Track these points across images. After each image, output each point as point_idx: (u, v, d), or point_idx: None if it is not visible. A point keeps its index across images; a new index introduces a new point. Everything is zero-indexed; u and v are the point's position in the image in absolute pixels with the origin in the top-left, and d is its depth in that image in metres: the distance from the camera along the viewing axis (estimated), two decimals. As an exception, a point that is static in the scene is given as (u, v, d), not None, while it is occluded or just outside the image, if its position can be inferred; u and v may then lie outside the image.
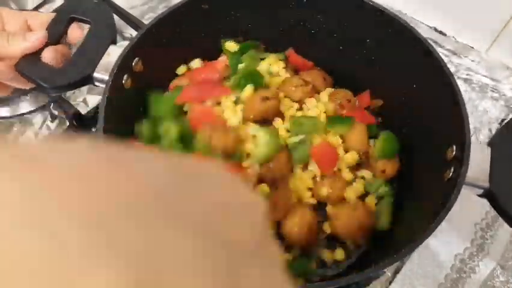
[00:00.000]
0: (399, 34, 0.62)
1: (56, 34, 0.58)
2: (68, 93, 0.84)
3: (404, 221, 0.61)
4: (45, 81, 0.55)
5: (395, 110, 0.69)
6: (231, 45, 0.70)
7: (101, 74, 0.56)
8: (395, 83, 0.68)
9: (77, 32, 0.60)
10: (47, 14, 0.60)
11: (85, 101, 0.83)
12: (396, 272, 0.66)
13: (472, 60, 0.89)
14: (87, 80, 0.57)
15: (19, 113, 0.81)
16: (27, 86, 0.57)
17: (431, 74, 0.60)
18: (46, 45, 0.56)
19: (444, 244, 0.68)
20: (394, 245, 0.55)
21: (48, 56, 0.56)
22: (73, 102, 0.80)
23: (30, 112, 0.81)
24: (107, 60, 0.57)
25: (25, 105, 0.81)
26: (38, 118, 0.81)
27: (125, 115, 0.60)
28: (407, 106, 0.67)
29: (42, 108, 0.82)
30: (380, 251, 0.58)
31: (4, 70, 0.55)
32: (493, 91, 0.86)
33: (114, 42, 0.59)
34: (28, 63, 0.55)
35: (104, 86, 0.55)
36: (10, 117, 0.81)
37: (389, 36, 0.65)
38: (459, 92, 0.55)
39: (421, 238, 0.47)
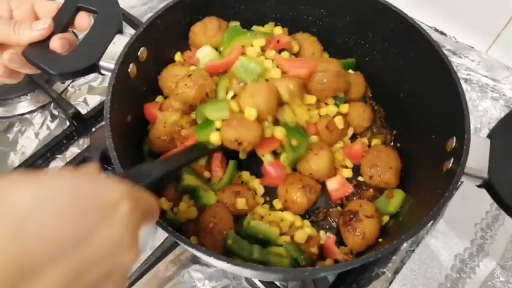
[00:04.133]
0: (403, 30, 0.63)
1: (63, 22, 0.59)
2: (68, 93, 0.84)
3: (404, 213, 0.62)
4: (52, 68, 0.56)
5: (395, 102, 0.70)
6: None
7: (107, 62, 0.57)
8: (396, 75, 0.68)
9: (85, 20, 0.60)
10: (54, 2, 0.60)
11: (85, 101, 0.83)
12: (396, 272, 0.66)
13: (472, 60, 0.89)
14: (93, 67, 0.57)
15: (19, 113, 0.81)
16: (36, 71, 0.58)
17: (432, 67, 0.60)
18: (53, 33, 0.57)
19: (444, 244, 0.68)
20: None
21: (56, 43, 0.56)
22: (73, 102, 0.80)
23: (30, 112, 0.81)
24: (113, 49, 0.57)
25: (25, 105, 0.81)
26: (38, 118, 0.81)
27: (130, 104, 0.61)
28: (407, 98, 0.67)
29: (42, 108, 0.82)
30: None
31: (13, 57, 0.56)
32: (493, 91, 0.86)
33: (120, 31, 0.59)
34: (36, 51, 0.56)
35: (109, 74, 0.55)
36: (10, 117, 0.81)
37: (393, 32, 0.65)
38: (459, 84, 0.55)
39: (420, 225, 0.47)
